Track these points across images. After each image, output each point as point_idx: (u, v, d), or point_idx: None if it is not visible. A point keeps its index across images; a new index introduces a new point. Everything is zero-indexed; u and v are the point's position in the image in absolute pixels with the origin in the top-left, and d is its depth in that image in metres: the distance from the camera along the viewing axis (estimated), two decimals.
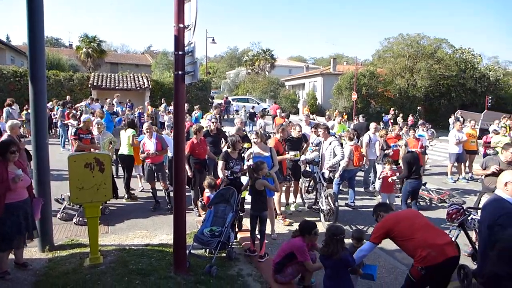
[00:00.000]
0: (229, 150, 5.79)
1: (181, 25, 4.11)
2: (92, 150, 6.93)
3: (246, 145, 6.58)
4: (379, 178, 7.54)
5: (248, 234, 5.41)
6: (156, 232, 6.09)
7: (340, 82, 32.19)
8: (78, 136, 7.35)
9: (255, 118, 19.46)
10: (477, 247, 4.57)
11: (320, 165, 6.96)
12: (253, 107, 24.31)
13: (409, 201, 6.94)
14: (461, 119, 19.18)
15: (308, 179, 7.56)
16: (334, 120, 12.90)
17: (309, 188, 7.80)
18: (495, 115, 20.13)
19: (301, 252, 4.09)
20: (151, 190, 7.44)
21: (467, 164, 10.95)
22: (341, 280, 3.58)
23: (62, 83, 22.60)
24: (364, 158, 8.60)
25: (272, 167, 5.78)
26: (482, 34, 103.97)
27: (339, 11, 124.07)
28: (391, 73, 32.00)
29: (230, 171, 5.63)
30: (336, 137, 7.40)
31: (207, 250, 5.16)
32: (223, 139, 7.89)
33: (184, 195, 4.52)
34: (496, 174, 5.52)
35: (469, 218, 4.95)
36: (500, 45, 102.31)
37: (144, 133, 7.26)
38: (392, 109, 25.08)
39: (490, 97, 28.34)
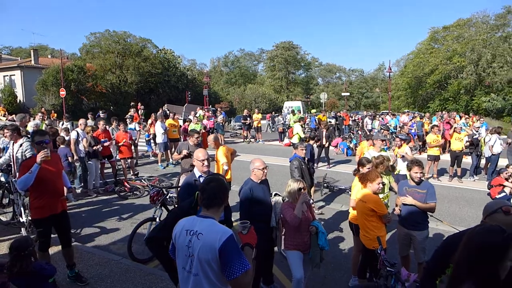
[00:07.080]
0: None
1: None
2: None
3: None
4: None
5: None
6: None
7: (45, 77, 28.67)
8: None
9: None
10: None
11: (13, 171, 5.94)
12: None
13: None
14: (168, 112, 21.50)
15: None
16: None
17: (3, 202, 6.57)
18: (194, 107, 24.03)
19: None
20: None
21: (173, 150, 12.46)
22: None
23: None
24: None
25: None
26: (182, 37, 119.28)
27: None
28: (102, 69, 31.72)
29: None
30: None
31: None
32: None
33: None
34: (186, 156, 6.60)
35: (168, 197, 5.70)
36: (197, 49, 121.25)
37: None
38: (139, 104, 23.77)
39: (189, 93, 33.45)
